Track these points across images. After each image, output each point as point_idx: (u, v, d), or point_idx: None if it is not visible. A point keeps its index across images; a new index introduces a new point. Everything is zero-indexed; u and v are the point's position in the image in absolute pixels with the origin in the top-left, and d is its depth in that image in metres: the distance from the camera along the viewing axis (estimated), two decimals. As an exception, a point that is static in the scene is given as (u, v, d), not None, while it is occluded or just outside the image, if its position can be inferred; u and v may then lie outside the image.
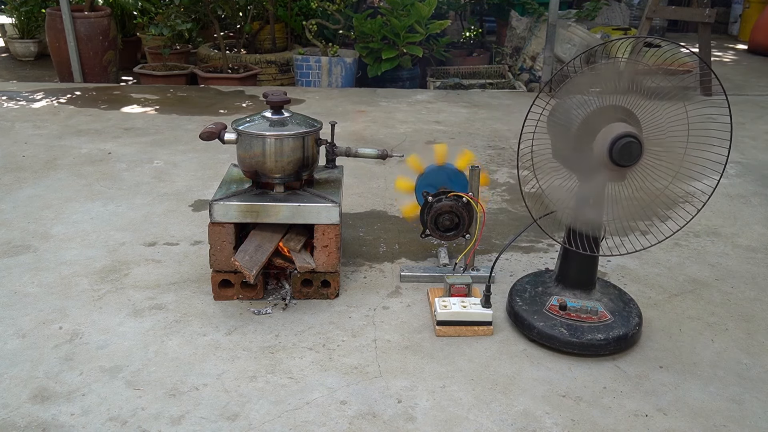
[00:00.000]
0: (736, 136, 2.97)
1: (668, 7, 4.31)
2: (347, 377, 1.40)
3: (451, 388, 1.38)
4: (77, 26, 4.27)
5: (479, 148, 3.02)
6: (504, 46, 5.06)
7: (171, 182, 2.51)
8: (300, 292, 1.70)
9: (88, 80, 4.34)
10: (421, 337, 1.56)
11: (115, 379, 1.38)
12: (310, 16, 4.91)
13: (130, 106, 3.66)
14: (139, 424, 1.26)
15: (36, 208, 2.24)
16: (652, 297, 1.75)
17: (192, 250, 1.96)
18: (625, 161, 1.31)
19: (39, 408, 1.29)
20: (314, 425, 1.26)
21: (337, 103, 3.84)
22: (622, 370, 1.45)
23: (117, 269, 1.84)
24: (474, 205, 1.75)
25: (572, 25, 4.41)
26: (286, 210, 1.63)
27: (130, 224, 2.13)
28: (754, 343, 1.56)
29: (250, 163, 1.66)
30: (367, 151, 1.87)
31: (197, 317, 1.61)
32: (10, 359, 1.44)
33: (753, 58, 5.86)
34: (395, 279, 1.82)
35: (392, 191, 2.43)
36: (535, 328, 1.51)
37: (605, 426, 1.28)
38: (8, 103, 3.63)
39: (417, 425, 1.27)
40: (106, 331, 1.55)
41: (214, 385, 1.37)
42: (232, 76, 4.31)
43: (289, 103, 1.70)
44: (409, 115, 3.58)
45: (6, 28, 5.50)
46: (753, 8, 6.54)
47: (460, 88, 4.40)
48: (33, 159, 2.73)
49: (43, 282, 1.76)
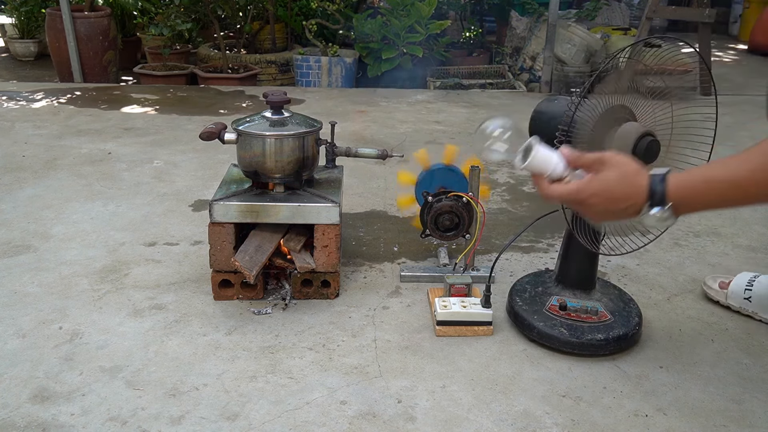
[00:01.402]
0: (737, 135, 2.98)
1: (668, 7, 4.31)
2: (347, 377, 1.40)
3: (451, 388, 1.38)
4: (77, 26, 4.27)
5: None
6: (504, 46, 5.06)
7: (171, 182, 2.51)
8: (300, 292, 1.70)
9: (88, 80, 4.34)
10: (421, 337, 1.56)
11: (115, 379, 1.38)
12: (310, 16, 4.91)
13: (130, 106, 3.66)
14: (139, 424, 1.26)
15: (36, 208, 2.24)
16: (652, 297, 1.75)
17: (192, 250, 1.96)
18: (649, 159, 1.32)
19: (39, 408, 1.29)
20: (314, 425, 1.26)
21: (337, 103, 3.84)
22: (622, 370, 1.45)
23: (117, 269, 1.84)
24: (474, 205, 1.75)
25: (572, 25, 4.41)
26: (286, 210, 1.63)
27: (130, 224, 2.13)
28: (754, 343, 1.56)
29: (250, 163, 1.67)
30: (367, 151, 1.87)
31: (197, 317, 1.61)
32: (10, 359, 1.44)
33: (753, 58, 5.86)
34: (395, 279, 1.82)
35: (392, 191, 2.43)
36: (535, 328, 1.51)
37: (605, 426, 1.28)
38: (8, 103, 3.63)
39: (417, 425, 1.27)
40: (106, 331, 1.55)
41: (214, 385, 1.37)
42: (232, 76, 4.32)
43: (289, 103, 1.70)
44: (409, 115, 3.58)
45: (6, 28, 5.50)
46: (753, 8, 6.54)
47: (460, 88, 4.40)
48: (33, 159, 2.73)
49: (43, 282, 1.76)
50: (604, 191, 1.08)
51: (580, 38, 4.29)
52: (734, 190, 1.03)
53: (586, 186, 1.09)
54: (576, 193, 1.09)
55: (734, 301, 1.67)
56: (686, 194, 1.05)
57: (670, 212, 1.05)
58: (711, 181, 1.04)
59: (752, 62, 5.71)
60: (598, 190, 1.08)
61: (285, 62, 4.68)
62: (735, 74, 4.96)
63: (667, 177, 1.06)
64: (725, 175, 1.03)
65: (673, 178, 1.05)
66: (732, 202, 1.08)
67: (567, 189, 1.11)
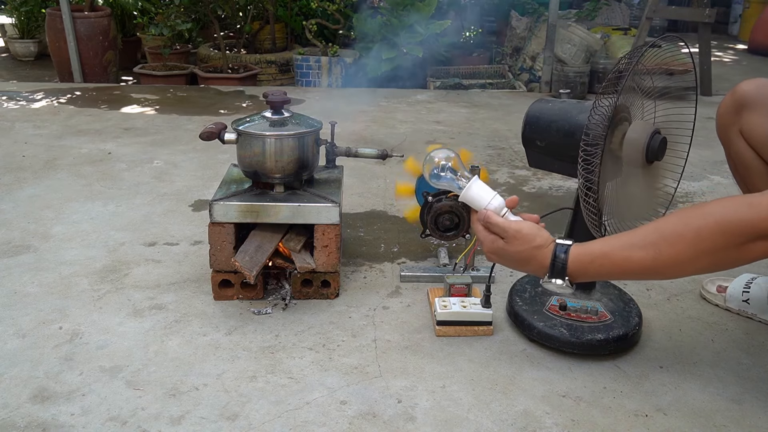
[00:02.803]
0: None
1: (668, 7, 4.31)
2: (347, 377, 1.40)
3: (451, 388, 1.38)
4: (77, 26, 4.27)
5: (479, 148, 3.02)
6: (504, 46, 5.06)
7: (171, 182, 2.51)
8: (300, 292, 1.70)
9: (88, 80, 4.34)
10: (421, 337, 1.56)
11: (115, 379, 1.38)
12: (310, 16, 4.91)
13: (130, 106, 3.66)
14: (139, 423, 1.26)
15: (36, 208, 2.24)
16: (652, 297, 1.75)
17: (192, 250, 1.96)
18: (660, 156, 1.34)
19: (39, 408, 1.29)
20: (314, 425, 1.26)
21: (337, 103, 3.84)
22: (622, 370, 1.45)
23: (117, 269, 1.84)
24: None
25: (572, 25, 4.41)
26: (286, 210, 1.63)
27: (130, 224, 2.13)
28: (754, 343, 1.56)
29: (250, 163, 1.67)
30: (367, 151, 1.87)
31: (197, 317, 1.61)
32: (10, 359, 1.44)
33: (753, 58, 5.86)
34: (395, 279, 1.82)
35: (392, 191, 2.42)
36: (535, 328, 1.51)
37: (605, 426, 1.28)
38: (8, 103, 3.63)
39: (417, 425, 1.27)
40: (106, 331, 1.55)
41: (214, 385, 1.37)
42: (232, 76, 4.32)
43: (289, 103, 1.70)
44: (409, 115, 3.58)
45: (6, 28, 5.50)
46: (753, 8, 6.54)
47: (460, 88, 4.40)
48: (33, 159, 2.73)
49: (43, 282, 1.76)
50: (513, 254, 1.24)
51: (580, 38, 4.29)
52: (627, 264, 1.15)
53: (499, 247, 1.25)
54: (491, 243, 1.26)
55: (733, 303, 1.67)
56: (583, 268, 1.18)
57: (569, 282, 1.20)
58: (606, 257, 1.17)
59: (752, 62, 5.71)
60: (509, 254, 1.24)
61: (285, 62, 4.68)
62: (735, 74, 4.96)
63: (569, 252, 1.19)
64: (619, 252, 1.16)
65: (574, 254, 1.19)
66: (627, 275, 1.22)
67: (486, 236, 1.26)
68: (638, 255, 1.13)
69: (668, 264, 1.12)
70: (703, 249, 1.09)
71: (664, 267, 1.13)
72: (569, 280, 1.20)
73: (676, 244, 1.11)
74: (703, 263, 1.11)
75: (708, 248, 1.09)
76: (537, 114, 1.51)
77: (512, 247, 1.23)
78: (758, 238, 1.06)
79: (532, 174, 2.68)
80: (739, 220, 1.07)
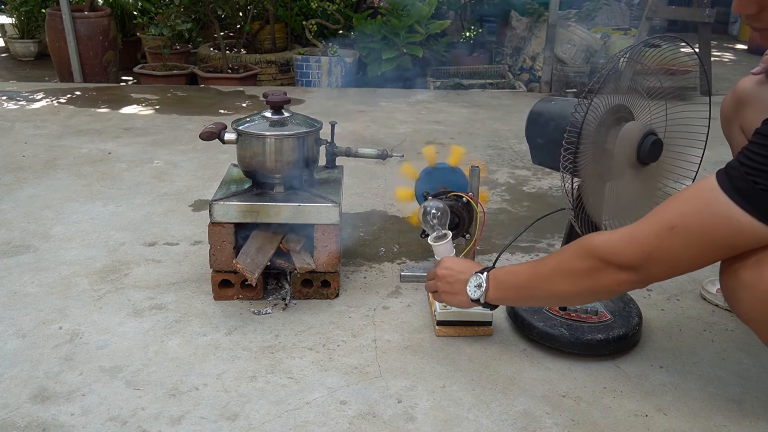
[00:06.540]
0: (736, 136, 2.98)
1: (668, 7, 4.30)
2: (347, 377, 1.40)
3: (451, 388, 1.38)
4: (77, 26, 4.27)
5: (479, 148, 3.02)
6: (504, 46, 5.06)
7: (171, 182, 2.51)
8: (300, 292, 1.70)
9: (88, 80, 4.34)
10: (421, 337, 1.56)
11: (115, 379, 1.38)
12: (310, 16, 4.91)
13: (130, 106, 3.66)
14: (139, 423, 1.26)
15: (36, 208, 2.24)
16: (652, 297, 1.75)
17: (192, 250, 1.96)
18: (654, 158, 1.35)
19: (39, 408, 1.29)
20: (314, 425, 1.26)
21: (337, 103, 3.84)
22: (622, 370, 1.45)
23: (117, 269, 1.84)
24: (474, 205, 1.75)
25: (572, 25, 4.41)
26: (286, 210, 1.63)
27: (130, 224, 2.13)
28: (754, 343, 1.56)
29: (250, 163, 1.67)
30: (367, 151, 1.87)
31: (197, 317, 1.61)
32: (10, 359, 1.44)
33: (753, 58, 5.85)
34: (395, 279, 1.82)
35: (392, 191, 2.42)
36: (535, 328, 1.51)
37: (605, 426, 1.28)
38: (8, 103, 3.63)
39: (417, 425, 1.27)
40: (106, 331, 1.55)
41: (214, 385, 1.37)
42: (232, 76, 4.32)
43: (289, 103, 1.70)
44: (409, 115, 3.58)
45: (6, 28, 5.50)
46: (753, 8, 6.52)
47: (460, 88, 4.40)
48: (33, 159, 2.73)
49: (43, 282, 1.76)
50: (444, 291, 1.43)
51: (580, 38, 4.29)
52: (533, 290, 1.29)
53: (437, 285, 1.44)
54: (432, 284, 1.46)
55: None
56: (500, 296, 1.33)
57: (490, 308, 1.37)
58: (517, 287, 1.32)
59: (752, 62, 5.70)
60: (443, 289, 1.43)
61: (285, 62, 4.68)
62: (735, 74, 4.96)
63: (487, 285, 1.33)
64: (524, 279, 1.30)
65: (491, 286, 1.33)
66: (535, 301, 1.43)
67: (431, 285, 1.46)
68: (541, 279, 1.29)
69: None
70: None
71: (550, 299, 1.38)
72: (489, 306, 1.36)
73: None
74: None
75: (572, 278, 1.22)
76: (539, 112, 1.52)
77: (444, 288, 1.42)
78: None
79: (532, 174, 2.68)
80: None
